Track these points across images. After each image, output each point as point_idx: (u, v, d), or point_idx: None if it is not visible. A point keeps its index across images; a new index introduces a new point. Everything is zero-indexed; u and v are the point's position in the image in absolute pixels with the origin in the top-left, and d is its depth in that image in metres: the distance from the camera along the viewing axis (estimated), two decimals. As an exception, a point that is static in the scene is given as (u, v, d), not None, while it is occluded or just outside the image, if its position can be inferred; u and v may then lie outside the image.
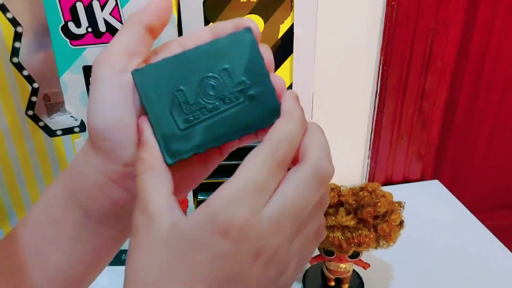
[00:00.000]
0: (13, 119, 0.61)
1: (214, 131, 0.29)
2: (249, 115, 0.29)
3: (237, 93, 0.29)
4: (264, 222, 0.26)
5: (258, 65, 0.29)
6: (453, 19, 0.78)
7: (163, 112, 0.29)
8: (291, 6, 0.52)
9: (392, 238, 0.55)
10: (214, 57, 0.29)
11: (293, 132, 0.27)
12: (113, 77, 0.29)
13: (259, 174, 0.26)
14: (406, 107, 0.83)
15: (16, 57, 0.58)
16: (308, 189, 0.27)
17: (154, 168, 0.28)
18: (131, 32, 0.30)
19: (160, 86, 0.29)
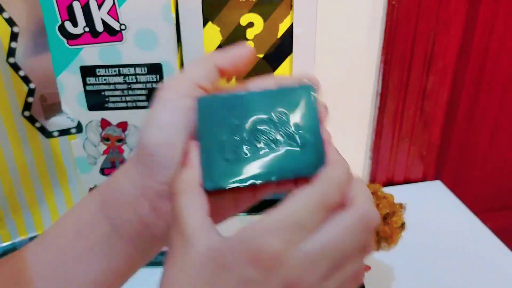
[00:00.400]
0: (9, 120, 0.61)
1: (258, 168, 0.30)
2: (295, 160, 0.30)
3: (288, 137, 0.31)
4: (299, 257, 0.26)
5: (312, 118, 0.31)
6: (454, 19, 0.78)
7: (214, 140, 0.30)
8: (291, 5, 0.51)
9: (393, 240, 0.54)
10: (275, 102, 0.31)
11: (343, 179, 0.28)
12: (175, 99, 0.31)
13: (303, 210, 0.26)
14: (407, 107, 0.83)
15: (13, 57, 0.57)
16: (352, 233, 0.27)
17: (193, 189, 0.29)
18: (203, 67, 0.33)
19: (219, 116, 0.31)
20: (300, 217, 0.26)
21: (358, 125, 0.85)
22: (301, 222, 0.26)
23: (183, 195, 0.29)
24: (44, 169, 0.65)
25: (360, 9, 0.75)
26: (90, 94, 0.53)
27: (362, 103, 0.83)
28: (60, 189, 0.67)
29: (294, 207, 0.26)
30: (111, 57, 0.51)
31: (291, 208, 0.26)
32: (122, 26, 0.49)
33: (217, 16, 0.52)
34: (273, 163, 0.30)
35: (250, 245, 0.25)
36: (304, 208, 0.26)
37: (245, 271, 0.25)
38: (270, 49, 0.53)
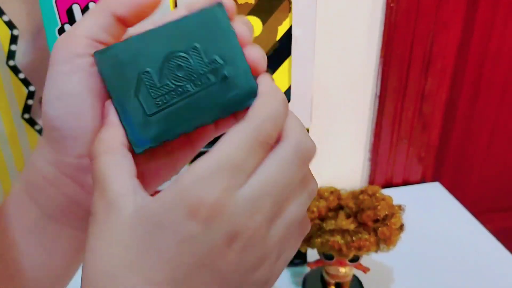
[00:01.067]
0: (9, 122, 0.61)
1: (184, 115, 0.27)
2: (222, 97, 0.27)
3: (208, 73, 0.27)
4: (240, 203, 0.23)
5: (230, 42, 0.27)
6: (452, 21, 0.78)
7: (128, 96, 0.26)
8: (289, 7, 0.51)
9: (392, 241, 0.54)
10: (183, 35, 0.26)
11: (278, 111, 0.25)
12: (67, 60, 0.27)
13: (238, 152, 0.24)
14: (406, 109, 0.83)
15: (12, 60, 0.58)
16: (290, 166, 0.25)
17: (115, 149, 0.26)
18: (96, 17, 0.27)
19: (124, 68, 0.26)
20: (235, 159, 0.23)
21: (357, 126, 0.85)
22: (237, 164, 0.23)
23: (104, 156, 0.25)
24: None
25: (358, 11, 0.75)
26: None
27: (361, 104, 0.83)
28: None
29: (227, 149, 0.24)
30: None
31: (224, 151, 0.24)
32: (121, 29, 0.49)
33: (216, 19, 0.52)
34: (200, 105, 0.27)
35: (185, 198, 0.23)
36: (238, 148, 0.24)
37: (184, 227, 0.23)
38: (269, 51, 0.54)
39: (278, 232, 0.25)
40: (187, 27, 0.27)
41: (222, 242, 0.23)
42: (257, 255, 0.24)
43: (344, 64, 0.79)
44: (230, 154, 0.23)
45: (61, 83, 0.27)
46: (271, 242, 0.25)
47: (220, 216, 0.23)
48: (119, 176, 0.25)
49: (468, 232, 0.78)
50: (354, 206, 0.55)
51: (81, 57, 0.27)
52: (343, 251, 0.54)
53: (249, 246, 0.24)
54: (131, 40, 0.26)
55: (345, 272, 0.60)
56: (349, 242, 0.53)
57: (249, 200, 0.23)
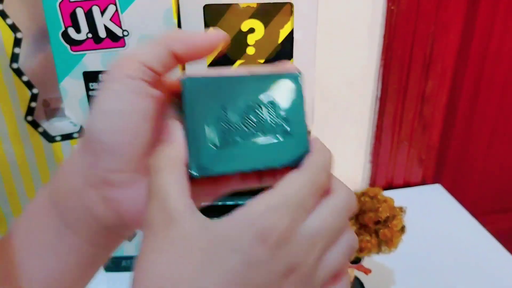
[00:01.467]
0: (13, 124, 0.61)
1: (244, 156, 0.29)
2: (282, 149, 0.30)
3: (276, 125, 0.30)
4: (302, 237, 0.25)
5: (299, 107, 0.30)
6: (453, 23, 0.78)
7: (200, 124, 0.29)
8: (291, 11, 0.52)
9: (393, 243, 0.55)
10: (264, 87, 0.30)
11: (330, 164, 0.29)
12: (119, 80, 0.28)
13: (302, 191, 0.26)
14: (406, 111, 0.83)
15: (16, 62, 0.58)
16: (341, 215, 0.27)
17: (177, 166, 0.27)
18: (153, 48, 0.29)
19: (206, 99, 0.29)
20: (299, 197, 0.26)
21: (358, 128, 0.86)
22: (300, 202, 0.26)
23: (166, 171, 0.26)
24: (46, 172, 0.65)
25: (359, 14, 0.75)
26: (92, 99, 0.53)
27: (362, 106, 0.84)
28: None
29: (293, 188, 0.26)
30: (114, 63, 0.51)
31: (291, 189, 0.26)
32: (124, 32, 0.50)
33: (218, 22, 0.52)
34: (261, 151, 0.30)
35: (257, 223, 0.24)
36: (302, 189, 0.26)
37: (253, 250, 0.24)
38: (271, 54, 0.54)
39: (322, 274, 0.27)
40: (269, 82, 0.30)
41: (283, 272, 0.25)
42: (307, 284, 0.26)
43: (345, 66, 0.79)
44: (296, 192, 0.26)
45: (111, 99, 0.28)
46: (315, 281, 0.26)
47: (286, 245, 0.24)
48: (181, 193, 0.26)
49: (469, 233, 0.78)
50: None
51: (132, 79, 0.28)
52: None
53: (302, 280, 0.26)
54: (219, 78, 0.29)
55: (346, 274, 0.60)
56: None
57: (309, 236, 0.25)
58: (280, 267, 0.24)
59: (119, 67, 0.29)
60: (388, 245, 0.54)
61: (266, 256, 0.24)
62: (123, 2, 0.48)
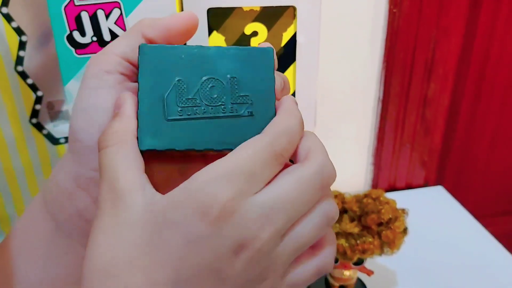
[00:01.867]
0: (17, 127, 0.61)
1: (200, 134, 0.27)
2: (241, 131, 0.27)
3: (236, 105, 0.27)
4: (252, 210, 0.23)
5: (267, 87, 0.28)
6: (454, 26, 0.78)
7: (155, 95, 0.27)
8: (294, 14, 0.52)
9: (396, 245, 0.55)
10: (228, 62, 0.27)
11: (294, 127, 0.26)
12: (96, 76, 0.28)
13: (254, 160, 0.23)
14: (408, 113, 0.84)
15: (21, 65, 0.58)
16: (309, 186, 0.24)
17: (125, 141, 0.25)
18: (128, 38, 0.29)
19: (165, 68, 0.27)
20: (251, 166, 0.23)
21: (360, 131, 0.86)
22: (251, 172, 0.23)
23: (114, 147, 0.25)
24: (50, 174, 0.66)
25: (361, 17, 0.76)
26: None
27: (364, 109, 0.84)
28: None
29: (243, 155, 0.24)
30: (118, 66, 0.52)
31: (240, 157, 0.23)
32: (129, 35, 0.50)
33: (222, 26, 0.53)
34: (220, 130, 0.27)
35: (197, 196, 0.22)
36: (254, 156, 0.24)
37: (193, 226, 0.22)
38: (274, 57, 0.54)
39: (287, 250, 0.24)
40: (235, 57, 0.27)
41: (230, 248, 0.22)
42: (262, 268, 0.24)
43: (347, 69, 0.79)
44: (246, 160, 0.23)
45: (88, 96, 0.28)
46: (277, 258, 0.24)
47: (230, 219, 0.22)
48: (129, 170, 0.24)
49: (471, 235, 0.78)
50: (358, 210, 0.56)
51: (109, 74, 0.28)
52: (347, 254, 0.54)
53: (257, 257, 0.23)
54: (180, 47, 0.27)
55: (349, 275, 0.60)
56: (353, 245, 0.54)
57: (261, 208, 0.23)
58: (225, 243, 0.22)
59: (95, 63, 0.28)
60: (390, 246, 0.54)
61: (207, 231, 0.22)
62: (128, 6, 0.49)
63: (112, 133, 0.26)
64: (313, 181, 0.25)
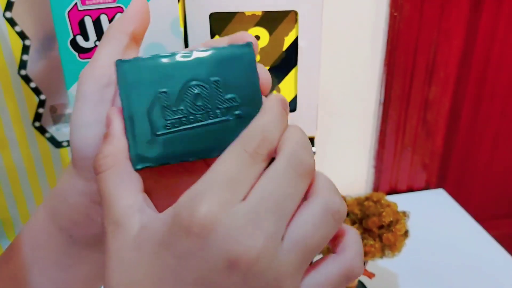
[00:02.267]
0: (20, 130, 0.61)
1: (191, 144, 0.26)
2: (232, 135, 0.25)
3: (224, 109, 0.26)
4: (236, 218, 0.22)
5: (251, 84, 0.27)
6: (455, 29, 0.78)
7: (140, 111, 0.26)
8: (296, 19, 0.52)
9: (397, 247, 0.55)
10: (208, 66, 0.26)
11: (268, 124, 0.24)
12: (96, 91, 0.27)
13: (229, 166, 0.23)
14: (410, 116, 0.84)
15: (24, 69, 0.59)
16: (285, 178, 0.23)
17: (118, 164, 0.25)
18: (115, 42, 0.28)
19: (144, 82, 0.26)
20: (228, 174, 0.23)
21: (362, 134, 0.86)
22: (231, 179, 0.22)
23: (107, 173, 0.25)
24: (53, 178, 0.66)
25: (362, 21, 0.76)
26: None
27: (365, 112, 0.84)
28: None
29: (219, 165, 0.23)
30: (121, 70, 0.52)
31: (217, 167, 0.23)
32: (132, 40, 0.50)
33: (224, 30, 0.53)
34: (209, 137, 0.26)
35: (180, 215, 0.22)
36: (230, 162, 0.23)
37: (181, 244, 0.22)
38: (276, 61, 0.55)
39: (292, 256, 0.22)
40: (214, 59, 0.26)
41: (223, 262, 0.21)
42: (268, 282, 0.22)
43: (348, 73, 0.79)
44: (222, 169, 0.23)
45: (90, 112, 0.27)
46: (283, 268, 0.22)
47: (214, 231, 0.21)
48: (124, 193, 0.24)
49: (472, 238, 0.78)
50: (359, 213, 0.56)
51: (108, 87, 0.28)
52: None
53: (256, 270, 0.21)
54: (157, 57, 0.26)
55: (350, 278, 0.60)
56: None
57: (246, 215, 0.22)
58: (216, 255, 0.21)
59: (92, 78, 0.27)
60: (391, 249, 0.55)
61: (195, 247, 0.22)
62: (131, 10, 0.49)
63: (105, 158, 0.25)
64: (287, 171, 0.23)
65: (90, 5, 0.49)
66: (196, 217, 0.21)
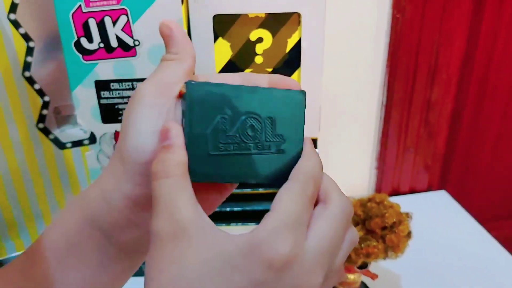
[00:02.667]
0: (24, 132, 0.62)
1: (237, 168, 0.30)
2: (272, 167, 0.30)
3: (271, 143, 0.30)
4: (308, 258, 0.26)
5: (299, 127, 0.31)
6: (457, 31, 0.78)
7: (200, 130, 0.29)
8: (299, 21, 0.53)
9: (400, 248, 0.55)
10: (266, 103, 0.30)
11: (316, 170, 0.29)
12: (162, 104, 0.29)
13: (296, 207, 0.26)
14: (412, 118, 0.84)
15: (28, 71, 0.59)
16: (341, 225, 0.28)
17: (180, 174, 0.27)
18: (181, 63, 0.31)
19: (208, 105, 0.29)
20: (295, 214, 0.26)
21: (364, 135, 0.86)
22: (298, 220, 0.26)
23: (169, 179, 0.26)
24: (57, 179, 0.66)
25: (365, 23, 0.76)
26: (104, 107, 0.54)
27: (368, 114, 0.84)
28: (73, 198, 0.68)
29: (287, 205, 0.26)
30: (125, 72, 0.52)
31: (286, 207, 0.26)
32: (135, 42, 0.51)
33: (227, 32, 0.53)
34: (253, 165, 0.30)
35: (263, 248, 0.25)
36: (296, 204, 0.26)
37: (259, 273, 0.24)
38: (279, 63, 0.55)
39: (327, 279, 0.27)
40: (273, 99, 0.30)
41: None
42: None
43: (351, 74, 0.80)
44: (291, 210, 0.26)
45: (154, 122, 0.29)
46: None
47: (291, 268, 0.25)
48: (187, 202, 0.26)
49: (474, 239, 0.79)
50: (362, 214, 0.56)
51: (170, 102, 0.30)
52: (351, 258, 0.54)
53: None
54: (224, 86, 0.30)
55: (353, 279, 0.60)
56: (357, 249, 0.54)
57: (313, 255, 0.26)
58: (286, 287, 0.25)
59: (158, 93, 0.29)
60: (394, 250, 0.55)
61: (271, 279, 0.25)
62: (135, 12, 0.49)
63: (169, 165, 0.27)
64: (342, 219, 0.28)
65: (94, 7, 0.49)
66: (279, 253, 0.25)
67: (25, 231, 0.67)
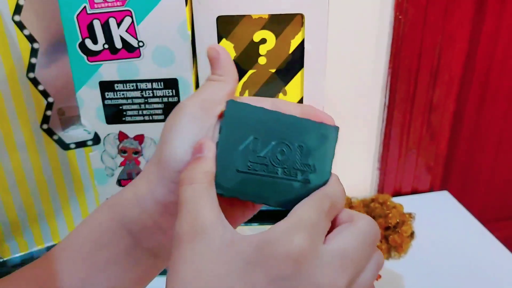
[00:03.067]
0: (28, 133, 0.62)
1: (261, 189, 0.31)
2: (294, 194, 0.31)
3: (298, 171, 0.31)
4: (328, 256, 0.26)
5: (328, 160, 0.32)
6: (459, 32, 0.79)
7: (232, 147, 0.30)
8: (302, 22, 0.53)
9: (403, 249, 0.55)
10: (299, 132, 0.31)
11: (337, 195, 0.30)
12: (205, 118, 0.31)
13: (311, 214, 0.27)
14: (414, 119, 0.84)
15: (32, 72, 0.59)
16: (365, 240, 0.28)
17: (210, 182, 0.29)
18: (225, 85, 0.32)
19: (244, 125, 0.30)
20: (312, 221, 0.27)
21: (366, 136, 0.86)
22: (314, 225, 0.27)
23: (197, 185, 0.28)
24: (61, 180, 0.66)
25: (368, 24, 0.76)
26: (108, 108, 0.55)
27: (370, 115, 0.84)
28: (76, 199, 0.68)
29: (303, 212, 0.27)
30: (129, 73, 0.53)
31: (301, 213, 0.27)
32: (140, 43, 0.51)
33: (231, 33, 0.53)
34: (278, 189, 0.31)
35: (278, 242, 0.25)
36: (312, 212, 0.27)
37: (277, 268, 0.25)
38: (282, 64, 0.55)
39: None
40: (306, 129, 0.31)
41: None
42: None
43: (353, 75, 0.80)
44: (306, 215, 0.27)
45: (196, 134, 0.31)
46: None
47: (309, 263, 0.25)
48: (210, 206, 0.27)
49: (476, 239, 0.79)
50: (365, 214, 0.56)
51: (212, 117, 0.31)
52: (354, 259, 0.54)
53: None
54: (261, 109, 0.31)
55: (356, 279, 0.60)
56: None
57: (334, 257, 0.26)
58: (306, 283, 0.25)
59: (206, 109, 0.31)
60: (397, 250, 0.55)
61: (289, 272, 0.25)
62: (139, 14, 0.50)
63: (197, 172, 0.28)
64: (369, 235, 0.28)
65: (99, 8, 0.49)
66: (295, 244, 0.25)
67: (29, 232, 0.67)
